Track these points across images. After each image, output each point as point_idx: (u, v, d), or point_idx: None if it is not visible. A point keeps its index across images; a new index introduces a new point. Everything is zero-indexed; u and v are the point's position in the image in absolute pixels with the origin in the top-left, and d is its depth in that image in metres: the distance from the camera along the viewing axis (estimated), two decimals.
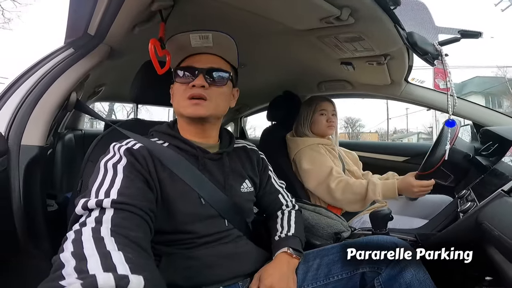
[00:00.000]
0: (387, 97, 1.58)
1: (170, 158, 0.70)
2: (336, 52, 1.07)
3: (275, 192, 0.90)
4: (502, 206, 0.69)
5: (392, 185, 1.18)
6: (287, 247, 0.75)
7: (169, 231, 0.67)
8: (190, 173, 0.70)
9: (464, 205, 0.90)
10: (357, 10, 0.74)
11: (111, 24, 0.78)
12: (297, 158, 1.36)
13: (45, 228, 0.84)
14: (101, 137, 0.90)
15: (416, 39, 0.78)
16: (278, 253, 0.75)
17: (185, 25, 0.75)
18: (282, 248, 0.75)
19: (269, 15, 0.82)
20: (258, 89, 1.74)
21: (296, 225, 0.83)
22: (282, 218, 0.85)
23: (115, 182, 0.59)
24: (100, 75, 1.25)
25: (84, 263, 0.40)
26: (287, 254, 0.74)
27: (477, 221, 0.73)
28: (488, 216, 0.70)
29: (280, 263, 0.72)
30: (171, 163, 0.69)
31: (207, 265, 0.67)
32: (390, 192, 1.18)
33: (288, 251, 0.74)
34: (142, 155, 0.66)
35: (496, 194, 0.73)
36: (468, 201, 0.91)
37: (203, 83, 0.70)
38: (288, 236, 0.79)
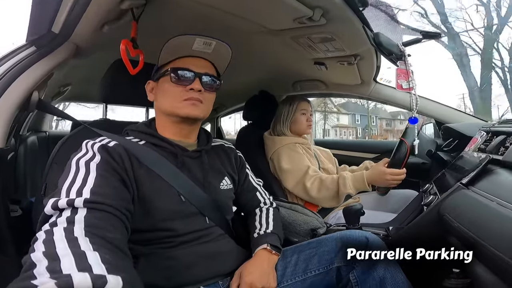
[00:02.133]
0: (358, 96, 1.64)
1: (147, 156, 0.68)
2: (309, 52, 1.09)
3: (253, 190, 0.91)
4: (460, 198, 0.73)
5: (361, 176, 1.21)
6: (266, 243, 0.76)
7: (146, 230, 0.65)
8: (168, 171, 0.69)
9: (427, 199, 0.95)
10: (329, 11, 0.77)
11: (78, 22, 0.75)
12: (274, 156, 1.37)
13: (9, 233, 0.79)
14: (68, 137, 0.85)
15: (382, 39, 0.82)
16: (257, 250, 0.76)
17: (158, 24, 0.73)
18: (262, 245, 0.76)
19: (244, 14, 0.83)
20: (234, 89, 1.73)
21: (274, 222, 0.84)
22: (260, 216, 0.86)
23: (87, 180, 0.56)
24: (65, 74, 1.18)
25: (57, 263, 0.38)
26: (267, 251, 0.75)
27: (439, 213, 0.77)
28: (448, 208, 0.75)
29: (260, 260, 0.73)
30: (149, 160, 0.68)
31: (187, 265, 0.67)
32: (359, 183, 1.21)
33: (267, 248, 0.75)
34: (118, 153, 0.64)
35: (455, 187, 0.77)
36: (430, 195, 0.97)
37: (200, 88, 0.72)
38: (267, 233, 0.80)
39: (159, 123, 0.77)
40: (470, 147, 1.07)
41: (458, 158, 1.07)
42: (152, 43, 0.73)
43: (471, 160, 0.93)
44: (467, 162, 0.96)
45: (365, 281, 0.69)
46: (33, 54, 0.81)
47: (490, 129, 1.02)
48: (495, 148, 0.87)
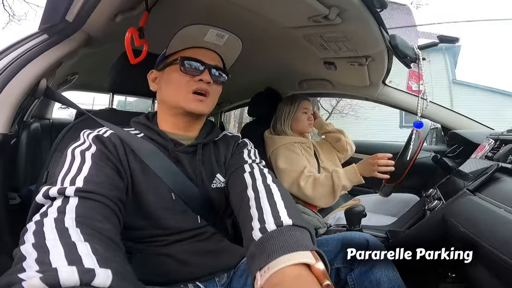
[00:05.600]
0: (365, 98, 1.63)
1: (142, 148, 0.67)
2: (320, 51, 1.08)
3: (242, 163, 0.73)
4: (467, 204, 0.73)
5: (352, 168, 1.22)
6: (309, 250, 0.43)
7: (140, 227, 0.65)
8: (162, 165, 0.68)
9: (431, 203, 0.95)
10: (345, 10, 0.75)
11: (93, 10, 0.74)
12: (273, 156, 1.37)
13: (6, 222, 0.79)
14: (72, 126, 0.85)
15: (398, 42, 0.81)
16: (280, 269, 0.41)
17: (170, 16, 0.72)
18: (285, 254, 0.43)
19: (259, 9, 0.82)
20: (240, 84, 1.72)
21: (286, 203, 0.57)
22: (257, 198, 0.59)
23: (82, 169, 0.55)
24: (74, 63, 1.18)
25: (46, 254, 0.37)
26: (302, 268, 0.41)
27: (443, 218, 0.77)
28: (453, 213, 0.75)
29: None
30: (144, 153, 0.67)
31: (181, 262, 0.66)
32: (351, 174, 1.20)
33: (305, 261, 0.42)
34: (113, 143, 0.64)
35: (461, 193, 0.77)
36: (434, 200, 0.97)
37: (210, 80, 0.70)
38: (286, 227, 0.49)
39: (161, 115, 0.75)
40: (478, 154, 1.07)
41: (463, 165, 1.07)
42: (161, 34, 0.72)
43: (478, 167, 0.93)
44: (473, 169, 0.96)
45: (362, 283, 0.68)
46: (44, 42, 0.80)
47: (498, 137, 1.02)
48: (503, 157, 0.87)
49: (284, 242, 0.44)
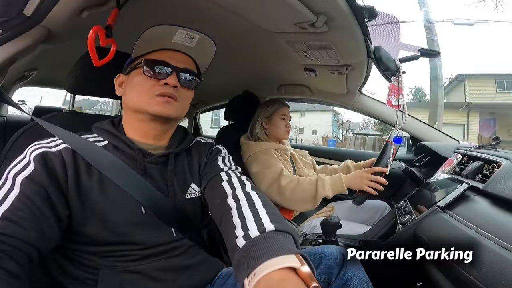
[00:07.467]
0: (341, 105, 1.65)
1: (101, 160, 0.60)
2: (302, 57, 1.06)
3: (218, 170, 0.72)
4: (437, 221, 0.75)
5: (339, 179, 1.18)
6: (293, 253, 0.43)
7: (103, 243, 0.59)
8: (127, 179, 0.61)
9: (403, 217, 0.97)
10: (333, 18, 0.74)
11: (54, 4, 0.65)
12: (249, 162, 1.32)
13: None
14: (23, 131, 0.74)
15: (382, 54, 0.81)
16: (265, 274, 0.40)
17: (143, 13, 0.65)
18: (266, 259, 0.42)
19: (242, 11, 0.77)
20: (217, 85, 1.67)
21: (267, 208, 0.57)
22: (238, 207, 0.60)
23: (6, 199, 0.50)
24: (33, 58, 1.05)
25: None
26: (288, 272, 0.41)
27: (415, 234, 0.78)
28: (425, 230, 0.76)
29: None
30: (103, 165, 0.60)
31: (155, 279, 0.61)
32: (337, 187, 1.17)
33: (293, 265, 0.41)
34: (61, 161, 0.57)
35: (432, 209, 0.79)
36: (406, 213, 0.99)
37: (177, 83, 0.65)
38: (269, 233, 0.49)
39: (126, 122, 0.69)
40: (445, 168, 1.11)
41: (433, 178, 1.11)
42: (133, 34, 0.65)
43: (447, 182, 0.96)
44: (442, 184, 0.99)
45: None
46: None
47: (466, 152, 1.06)
48: (472, 174, 0.91)
49: (268, 247, 0.44)
